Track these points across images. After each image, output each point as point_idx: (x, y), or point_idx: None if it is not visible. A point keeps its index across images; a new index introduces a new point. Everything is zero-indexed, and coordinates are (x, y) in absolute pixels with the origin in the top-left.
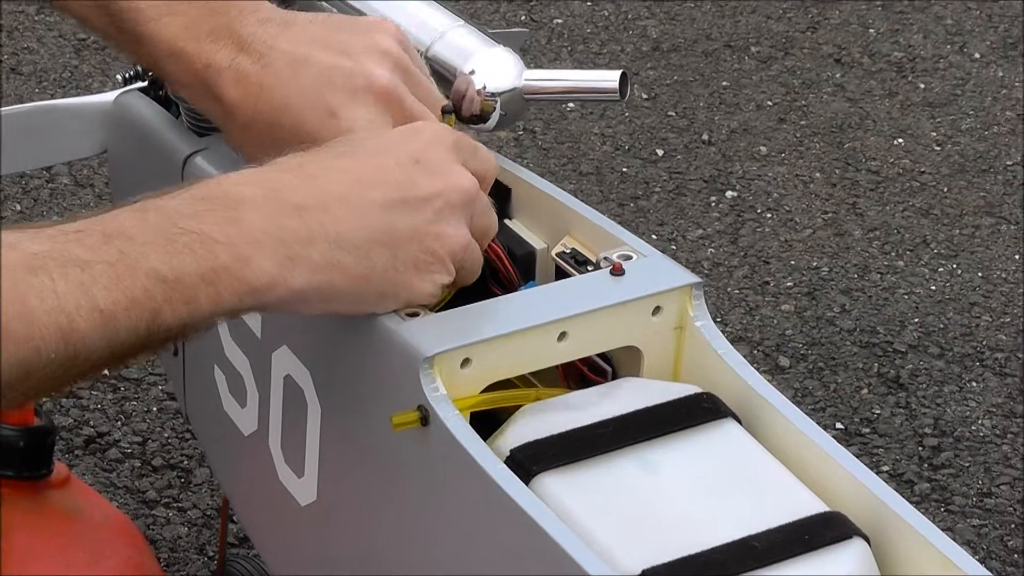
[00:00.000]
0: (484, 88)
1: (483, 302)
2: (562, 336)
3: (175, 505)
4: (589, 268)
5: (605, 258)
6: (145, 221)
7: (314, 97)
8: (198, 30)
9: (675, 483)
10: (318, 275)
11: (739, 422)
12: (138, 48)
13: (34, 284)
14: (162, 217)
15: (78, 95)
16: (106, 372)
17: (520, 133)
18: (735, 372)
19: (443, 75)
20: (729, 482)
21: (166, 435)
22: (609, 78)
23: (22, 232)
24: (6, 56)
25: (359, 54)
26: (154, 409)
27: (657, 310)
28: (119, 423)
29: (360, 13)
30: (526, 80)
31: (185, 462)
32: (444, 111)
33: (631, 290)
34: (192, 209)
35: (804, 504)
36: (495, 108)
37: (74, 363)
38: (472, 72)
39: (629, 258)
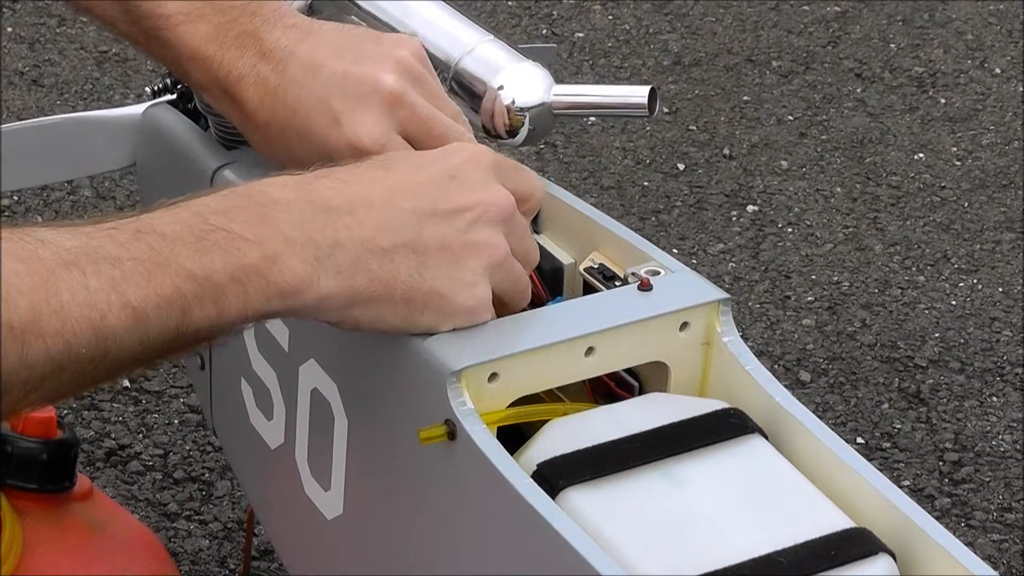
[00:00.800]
0: (513, 103)
1: (511, 316)
2: (589, 351)
3: (196, 518)
4: (617, 283)
5: (633, 273)
6: (177, 219)
7: (322, 102)
8: (224, 36)
9: (701, 498)
10: (344, 279)
11: (766, 438)
12: (162, 52)
13: (66, 279)
14: (194, 215)
15: (100, 107)
16: (127, 384)
17: (541, 147)
18: (762, 388)
19: (472, 89)
20: (755, 497)
21: (187, 448)
22: (638, 94)
23: (56, 229)
24: (27, 68)
25: (371, 62)
26: (175, 421)
27: (685, 326)
28: (140, 435)
29: (390, 28)
30: (555, 95)
31: (207, 475)
32: None
33: (659, 305)
34: (224, 207)
35: (830, 520)
36: (524, 123)
37: (105, 359)
38: (501, 87)
39: (657, 273)
